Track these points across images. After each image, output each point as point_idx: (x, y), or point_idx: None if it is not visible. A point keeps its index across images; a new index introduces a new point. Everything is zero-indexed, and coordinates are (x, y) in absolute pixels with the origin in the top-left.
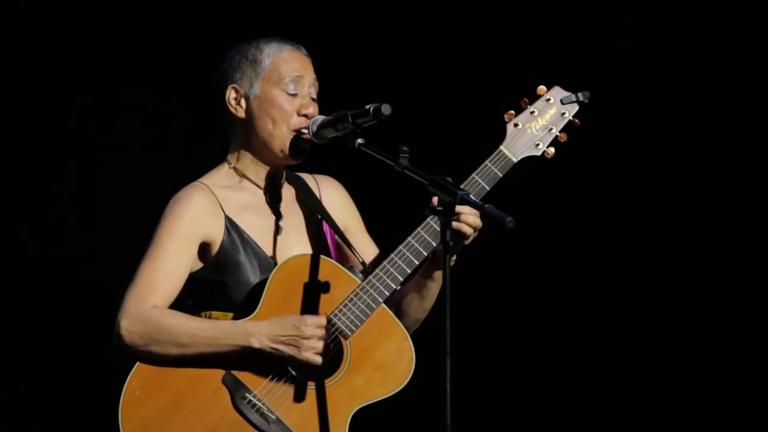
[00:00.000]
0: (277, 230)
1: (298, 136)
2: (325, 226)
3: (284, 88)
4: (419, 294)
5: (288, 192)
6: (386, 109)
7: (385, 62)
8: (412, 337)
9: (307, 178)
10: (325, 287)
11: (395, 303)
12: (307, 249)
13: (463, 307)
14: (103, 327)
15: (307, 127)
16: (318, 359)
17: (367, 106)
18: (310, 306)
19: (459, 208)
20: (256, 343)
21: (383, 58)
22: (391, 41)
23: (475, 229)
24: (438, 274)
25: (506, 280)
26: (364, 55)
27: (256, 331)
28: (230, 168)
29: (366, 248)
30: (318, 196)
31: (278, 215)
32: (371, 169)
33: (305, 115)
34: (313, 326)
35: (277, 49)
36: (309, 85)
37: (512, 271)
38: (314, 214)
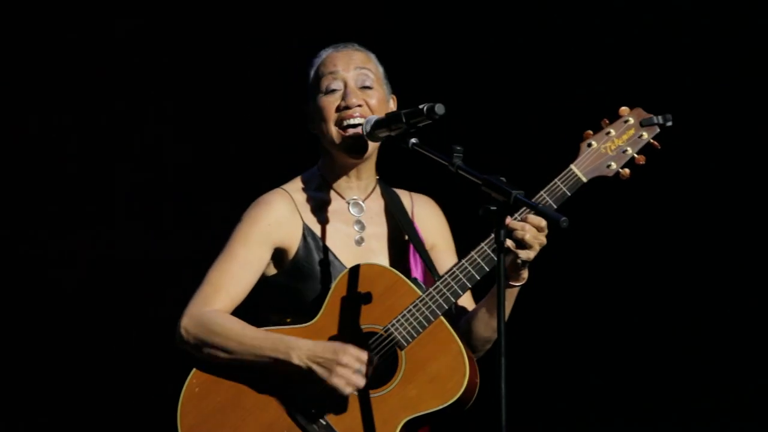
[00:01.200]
0: (357, 240)
1: (348, 135)
2: (413, 241)
3: (323, 90)
4: (489, 312)
5: (376, 203)
6: (440, 108)
7: (462, 68)
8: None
9: (403, 194)
10: (386, 297)
11: (465, 320)
12: (386, 261)
13: (518, 308)
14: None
15: (350, 118)
16: (346, 389)
17: (420, 106)
18: (369, 315)
19: (513, 224)
20: (295, 359)
21: (459, 65)
22: (467, 46)
23: (534, 244)
24: (511, 292)
25: (563, 281)
26: (433, 58)
27: (298, 347)
28: (318, 174)
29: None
30: (410, 212)
31: (361, 225)
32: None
33: (347, 107)
34: (352, 357)
35: (319, 58)
36: (352, 78)
37: (570, 272)
38: (401, 228)
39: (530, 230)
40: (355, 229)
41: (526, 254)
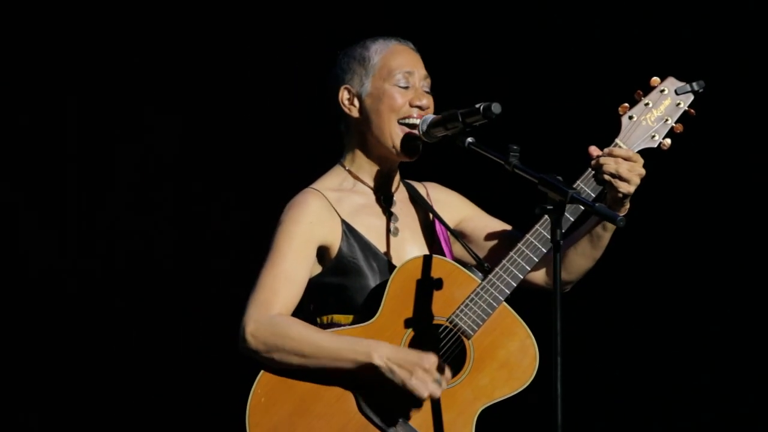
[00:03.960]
0: (393, 231)
1: (407, 134)
2: (439, 226)
3: (395, 82)
4: (591, 243)
5: (402, 194)
6: (496, 107)
7: (493, 58)
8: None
9: (416, 185)
10: (445, 288)
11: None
12: (422, 249)
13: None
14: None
15: (416, 117)
16: (423, 393)
17: (477, 105)
18: (430, 307)
19: (603, 160)
20: (377, 360)
21: (491, 54)
22: (499, 37)
23: (632, 177)
24: (607, 233)
25: (619, 279)
26: (473, 51)
27: (379, 348)
28: (345, 170)
29: (493, 227)
30: (427, 199)
31: (393, 216)
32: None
33: (419, 107)
34: (434, 367)
35: (384, 46)
36: (420, 79)
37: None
38: (427, 214)
39: (623, 163)
40: (388, 220)
41: (626, 187)
